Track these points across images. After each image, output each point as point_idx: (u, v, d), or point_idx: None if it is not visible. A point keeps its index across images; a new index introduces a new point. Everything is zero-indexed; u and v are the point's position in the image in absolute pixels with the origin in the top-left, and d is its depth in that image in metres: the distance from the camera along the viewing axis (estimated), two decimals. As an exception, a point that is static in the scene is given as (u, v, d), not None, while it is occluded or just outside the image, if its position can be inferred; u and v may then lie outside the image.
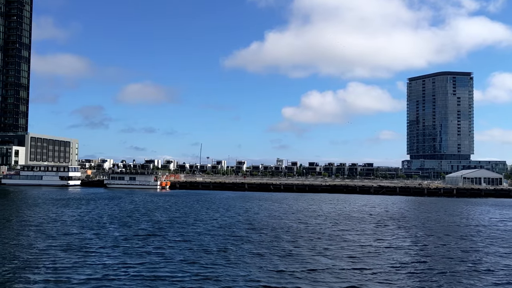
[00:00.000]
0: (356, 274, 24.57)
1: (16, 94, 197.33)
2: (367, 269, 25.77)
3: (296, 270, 25.20)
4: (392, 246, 33.74)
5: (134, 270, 24.68)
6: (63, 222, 45.22)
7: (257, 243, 33.83)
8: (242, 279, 23.21)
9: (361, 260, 28.23)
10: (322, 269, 25.51)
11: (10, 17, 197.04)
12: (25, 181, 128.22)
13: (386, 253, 30.69)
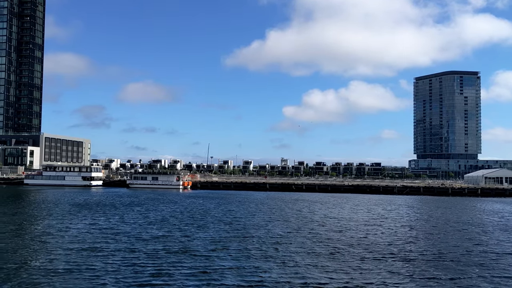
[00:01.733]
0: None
1: (29, 95, 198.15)
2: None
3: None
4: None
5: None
6: (151, 223, 46.04)
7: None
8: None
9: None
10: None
11: (23, 17, 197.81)
12: (48, 181, 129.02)
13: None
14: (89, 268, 25.18)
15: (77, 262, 26.52)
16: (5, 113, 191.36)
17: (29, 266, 25.57)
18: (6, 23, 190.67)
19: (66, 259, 27.31)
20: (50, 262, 26.45)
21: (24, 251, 29.53)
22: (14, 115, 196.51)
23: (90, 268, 25.18)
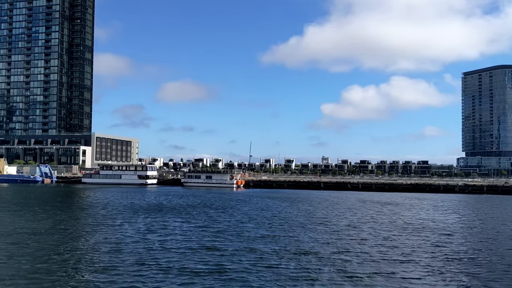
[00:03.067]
0: None
1: (80, 96, 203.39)
2: None
3: None
4: None
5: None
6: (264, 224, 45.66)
7: None
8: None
9: None
10: None
11: (74, 20, 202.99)
12: (105, 180, 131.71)
13: None
14: (231, 269, 24.66)
15: (219, 262, 26.08)
16: (57, 114, 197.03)
17: (167, 265, 25.33)
18: (58, 26, 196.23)
19: (197, 258, 27.04)
20: (178, 261, 26.16)
21: (145, 250, 29.43)
22: (66, 115, 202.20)
23: (231, 269, 24.66)
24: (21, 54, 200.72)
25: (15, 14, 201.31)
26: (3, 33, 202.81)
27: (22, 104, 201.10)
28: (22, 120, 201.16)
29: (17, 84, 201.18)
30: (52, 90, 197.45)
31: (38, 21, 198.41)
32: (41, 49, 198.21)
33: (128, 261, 26.07)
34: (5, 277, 22.35)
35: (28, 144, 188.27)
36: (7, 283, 21.44)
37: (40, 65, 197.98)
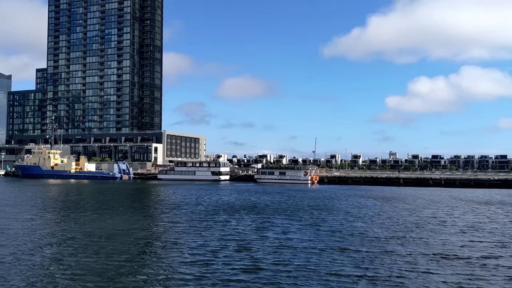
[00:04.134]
0: None
1: (151, 94, 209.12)
2: None
3: None
4: None
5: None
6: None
7: None
8: None
9: None
10: None
11: (144, 21, 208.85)
12: (180, 176, 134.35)
13: None
14: (389, 275, 23.12)
15: (369, 267, 24.64)
16: (130, 113, 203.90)
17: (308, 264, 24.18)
18: (129, 28, 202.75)
19: (342, 259, 25.71)
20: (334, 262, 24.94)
21: (277, 249, 28.48)
22: (138, 114, 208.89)
23: (389, 275, 23.11)
24: (95, 56, 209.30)
25: (89, 17, 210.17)
26: (78, 36, 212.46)
27: (97, 104, 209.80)
28: (97, 119, 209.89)
29: (92, 85, 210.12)
30: (124, 90, 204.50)
31: (110, 24, 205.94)
32: (113, 50, 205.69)
33: (272, 260, 25.15)
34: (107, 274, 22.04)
35: (103, 142, 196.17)
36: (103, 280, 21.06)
37: (113, 66, 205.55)
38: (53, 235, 33.14)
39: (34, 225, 38.33)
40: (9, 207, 51.98)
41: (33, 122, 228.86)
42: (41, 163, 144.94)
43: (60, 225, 38.33)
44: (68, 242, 30.36)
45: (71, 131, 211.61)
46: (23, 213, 46.60)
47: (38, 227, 37.30)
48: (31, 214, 46.00)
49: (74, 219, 42.09)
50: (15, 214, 45.28)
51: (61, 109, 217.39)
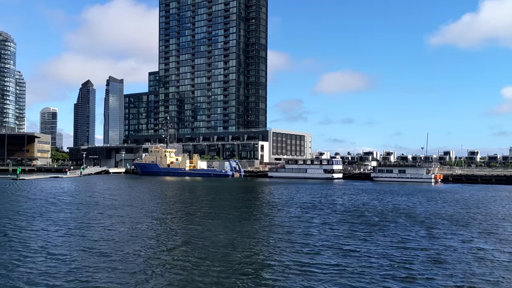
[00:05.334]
0: None
1: (256, 93, 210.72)
2: None
3: None
4: None
5: None
6: None
7: None
8: None
9: None
10: None
11: (249, 20, 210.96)
12: (290, 174, 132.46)
13: None
14: None
15: None
16: (236, 111, 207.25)
17: None
18: (235, 28, 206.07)
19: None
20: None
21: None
22: (244, 112, 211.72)
23: None
24: (203, 57, 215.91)
25: (197, 20, 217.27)
26: (187, 39, 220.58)
27: (205, 104, 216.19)
28: (205, 118, 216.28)
29: (200, 86, 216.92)
30: (231, 89, 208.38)
31: (217, 25, 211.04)
32: (220, 51, 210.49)
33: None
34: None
35: (211, 140, 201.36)
36: None
37: (220, 66, 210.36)
38: (176, 236, 31.92)
39: (165, 221, 37.75)
40: (139, 202, 52.87)
41: (146, 122, 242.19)
42: (158, 161, 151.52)
43: (184, 223, 37.29)
44: (190, 244, 28.73)
45: (181, 130, 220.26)
46: (155, 210, 46.77)
47: (167, 222, 36.58)
48: (163, 209, 45.98)
49: (204, 217, 41.06)
50: (146, 211, 45.57)
51: (172, 109, 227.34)
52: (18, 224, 35.84)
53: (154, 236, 30.65)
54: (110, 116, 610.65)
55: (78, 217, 40.74)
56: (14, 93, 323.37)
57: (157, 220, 38.83)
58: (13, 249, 26.08)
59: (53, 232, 32.31)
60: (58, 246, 27.00)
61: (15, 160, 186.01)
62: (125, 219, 38.85)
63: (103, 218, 39.84)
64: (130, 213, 43.15)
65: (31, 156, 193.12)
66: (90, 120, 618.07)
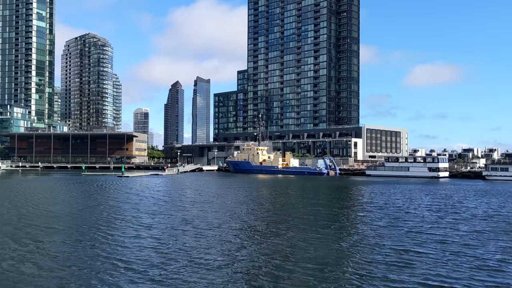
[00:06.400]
0: None
1: (348, 88, 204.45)
2: None
3: None
4: None
5: None
6: None
7: None
8: None
9: None
10: None
11: (340, 14, 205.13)
12: (391, 172, 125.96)
13: None
14: None
15: None
16: (327, 108, 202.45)
17: None
18: (326, 22, 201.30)
19: None
20: None
21: None
22: (335, 108, 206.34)
23: None
24: (292, 53, 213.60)
25: (286, 16, 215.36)
26: (276, 36, 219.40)
27: (294, 100, 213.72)
28: (295, 115, 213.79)
29: (289, 83, 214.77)
30: (321, 85, 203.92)
31: (307, 20, 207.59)
32: (310, 46, 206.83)
33: None
34: None
35: (301, 138, 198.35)
36: None
37: (310, 62, 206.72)
38: (268, 243, 28.71)
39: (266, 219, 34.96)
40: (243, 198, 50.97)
41: (235, 120, 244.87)
42: (250, 159, 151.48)
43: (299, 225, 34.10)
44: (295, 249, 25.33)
45: (269, 128, 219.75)
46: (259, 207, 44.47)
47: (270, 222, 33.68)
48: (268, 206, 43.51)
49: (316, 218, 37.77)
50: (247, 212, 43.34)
51: (261, 107, 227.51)
52: (147, 222, 35.16)
53: (246, 243, 28.11)
54: (198, 115, 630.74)
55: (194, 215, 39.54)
56: (112, 95, 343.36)
57: (250, 222, 36.41)
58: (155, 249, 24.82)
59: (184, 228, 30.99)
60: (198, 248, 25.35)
61: (115, 158, 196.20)
62: (230, 220, 36.90)
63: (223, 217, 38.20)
64: (234, 213, 41.26)
65: (130, 154, 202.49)
66: (179, 119, 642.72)
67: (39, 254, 24.17)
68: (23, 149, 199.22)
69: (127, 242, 27.74)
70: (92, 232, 31.15)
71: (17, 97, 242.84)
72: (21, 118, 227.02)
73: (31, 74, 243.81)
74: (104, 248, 25.81)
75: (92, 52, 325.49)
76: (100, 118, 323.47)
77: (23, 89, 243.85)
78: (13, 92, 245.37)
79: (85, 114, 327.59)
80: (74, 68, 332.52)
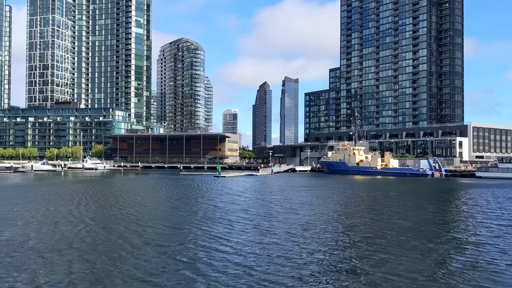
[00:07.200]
0: None
1: (451, 84, 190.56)
2: None
3: None
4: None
5: None
6: None
7: None
8: None
9: None
10: None
11: (441, 5, 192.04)
12: (506, 174, 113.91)
13: None
14: None
15: None
16: (428, 105, 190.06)
17: None
18: (426, 15, 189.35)
19: None
20: None
21: None
22: (436, 106, 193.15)
23: None
24: (388, 49, 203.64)
25: (382, 10, 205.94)
26: (371, 32, 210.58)
27: (391, 98, 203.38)
28: (392, 114, 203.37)
29: (386, 79, 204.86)
30: (421, 81, 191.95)
31: (404, 13, 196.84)
32: (408, 41, 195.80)
33: None
34: None
35: (399, 137, 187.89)
36: None
37: (408, 57, 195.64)
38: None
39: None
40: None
41: (327, 120, 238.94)
42: (346, 160, 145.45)
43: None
44: None
45: (364, 127, 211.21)
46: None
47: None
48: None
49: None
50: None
51: (354, 106, 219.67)
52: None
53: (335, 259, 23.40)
54: (286, 115, 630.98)
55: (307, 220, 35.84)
56: (203, 97, 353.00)
57: (371, 232, 31.55)
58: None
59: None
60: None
61: (208, 159, 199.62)
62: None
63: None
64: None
65: (223, 154, 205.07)
66: (267, 119, 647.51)
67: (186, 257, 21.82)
68: (124, 150, 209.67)
69: (250, 247, 24.75)
70: (214, 236, 28.66)
71: (118, 101, 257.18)
72: (122, 120, 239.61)
73: (131, 79, 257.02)
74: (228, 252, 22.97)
75: (185, 56, 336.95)
76: (192, 120, 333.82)
77: (123, 93, 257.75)
78: (114, 96, 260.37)
79: (179, 116, 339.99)
80: (169, 72, 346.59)
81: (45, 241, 26.67)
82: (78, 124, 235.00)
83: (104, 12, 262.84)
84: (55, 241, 26.73)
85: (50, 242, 26.50)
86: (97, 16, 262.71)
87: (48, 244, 25.73)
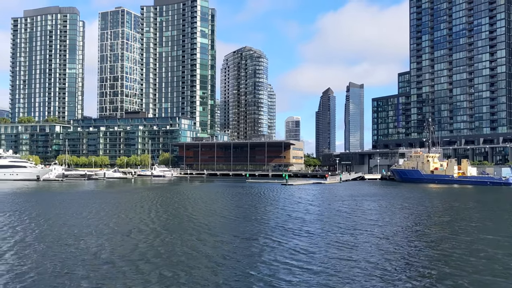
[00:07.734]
0: None
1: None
2: None
3: None
4: None
5: None
6: None
7: None
8: None
9: None
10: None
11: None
12: None
13: None
14: None
15: None
16: (508, 109, 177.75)
17: None
18: (504, 13, 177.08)
19: None
20: None
21: None
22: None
23: None
24: (462, 51, 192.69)
25: (455, 11, 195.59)
26: (443, 33, 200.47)
27: (466, 102, 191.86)
28: (467, 119, 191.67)
29: (460, 83, 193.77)
30: (499, 84, 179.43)
31: (480, 13, 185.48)
32: (484, 42, 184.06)
33: None
34: None
35: (475, 143, 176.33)
36: None
37: (485, 59, 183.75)
38: None
39: None
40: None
41: (395, 126, 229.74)
42: (419, 167, 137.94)
43: None
44: None
45: (436, 133, 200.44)
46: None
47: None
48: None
49: None
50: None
51: (426, 111, 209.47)
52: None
53: None
54: (350, 121, 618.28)
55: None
56: (267, 104, 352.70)
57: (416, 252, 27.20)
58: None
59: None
60: None
61: (273, 166, 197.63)
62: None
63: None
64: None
65: (287, 162, 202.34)
66: (330, 126, 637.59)
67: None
68: (189, 158, 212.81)
69: (337, 263, 21.88)
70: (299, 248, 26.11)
71: (184, 110, 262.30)
72: (188, 129, 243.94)
73: (196, 88, 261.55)
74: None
75: (249, 64, 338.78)
76: (255, 127, 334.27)
77: (189, 102, 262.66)
78: (180, 105, 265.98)
79: (242, 123, 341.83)
80: (232, 81, 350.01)
81: (118, 252, 25.40)
82: (147, 133, 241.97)
83: (171, 24, 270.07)
84: (128, 251, 25.38)
85: (124, 252, 25.19)
86: (164, 28, 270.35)
87: (123, 255, 24.40)
